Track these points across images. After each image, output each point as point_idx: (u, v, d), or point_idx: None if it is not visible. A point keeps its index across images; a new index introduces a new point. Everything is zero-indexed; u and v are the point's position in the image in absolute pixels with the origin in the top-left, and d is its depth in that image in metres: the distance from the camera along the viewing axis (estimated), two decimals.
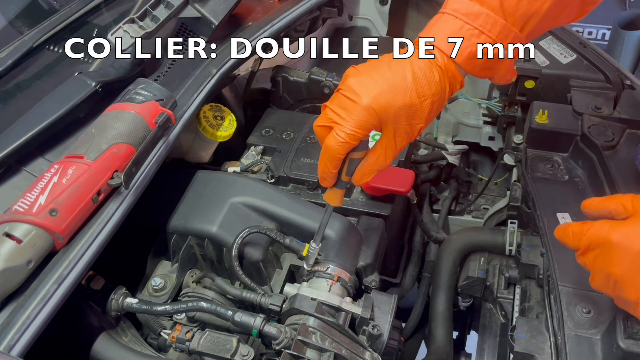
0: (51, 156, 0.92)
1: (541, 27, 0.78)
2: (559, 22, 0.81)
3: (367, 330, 0.89)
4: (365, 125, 0.74)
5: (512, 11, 0.74)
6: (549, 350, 0.90)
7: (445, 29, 0.76)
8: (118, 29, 1.01)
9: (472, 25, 0.74)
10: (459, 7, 0.76)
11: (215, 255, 1.01)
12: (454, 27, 0.75)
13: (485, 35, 0.74)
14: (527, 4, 0.74)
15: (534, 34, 0.79)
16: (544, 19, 0.75)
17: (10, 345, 0.69)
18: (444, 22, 0.77)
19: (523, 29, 0.75)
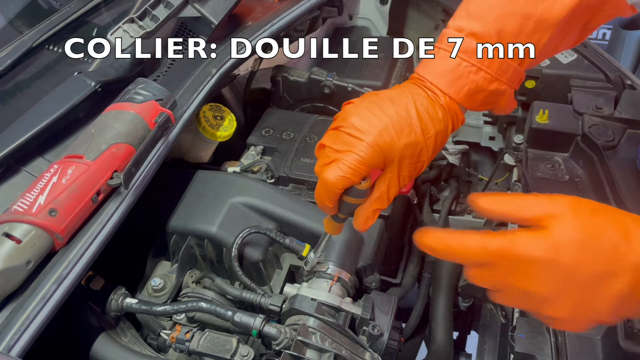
0: (51, 156, 0.92)
1: (539, 58, 0.77)
2: (557, 51, 0.80)
3: (367, 330, 0.89)
4: (370, 162, 0.69)
5: (509, 42, 0.73)
6: (550, 350, 0.90)
7: (443, 66, 0.74)
8: (118, 29, 1.01)
9: (470, 62, 0.73)
10: (462, 47, 0.74)
11: (215, 256, 1.01)
12: (452, 64, 0.73)
13: (483, 71, 0.73)
14: (525, 38, 0.73)
15: (533, 64, 0.77)
16: (542, 51, 0.75)
17: (10, 346, 0.69)
18: (441, 59, 0.74)
19: (522, 63, 0.74)
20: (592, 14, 0.76)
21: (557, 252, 0.56)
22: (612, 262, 0.56)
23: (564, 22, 0.73)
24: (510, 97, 0.77)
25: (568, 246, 0.56)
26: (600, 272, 0.56)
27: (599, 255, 0.56)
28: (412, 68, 1.65)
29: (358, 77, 1.44)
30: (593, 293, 0.57)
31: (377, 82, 1.43)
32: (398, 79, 1.49)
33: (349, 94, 1.36)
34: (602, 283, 0.56)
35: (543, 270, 0.57)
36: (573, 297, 0.57)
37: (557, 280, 0.57)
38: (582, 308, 0.58)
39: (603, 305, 0.57)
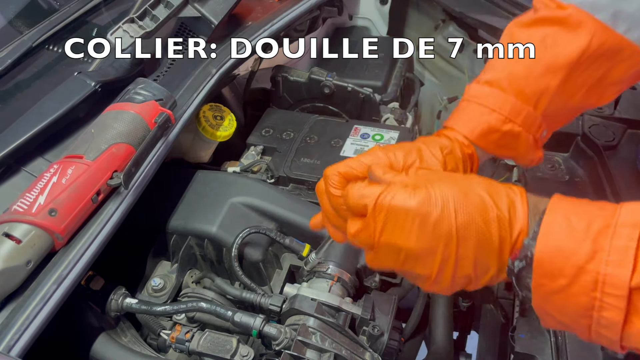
0: (50, 156, 0.92)
1: (560, 107, 0.79)
2: (583, 104, 0.81)
3: (367, 330, 0.89)
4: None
5: (520, 89, 0.77)
6: (550, 350, 0.90)
7: (466, 115, 0.80)
8: (118, 29, 1.01)
9: (483, 104, 0.77)
10: (474, 93, 0.80)
11: (215, 256, 1.01)
12: (467, 108, 0.79)
13: (496, 112, 0.77)
14: (535, 81, 0.76)
15: (556, 115, 0.80)
16: (557, 97, 0.77)
17: (10, 346, 0.69)
18: (463, 110, 0.80)
19: (537, 106, 0.77)
20: (607, 62, 0.77)
21: (430, 205, 0.58)
22: (479, 214, 0.58)
23: (574, 67, 0.75)
24: (529, 143, 0.79)
25: (440, 200, 0.58)
26: (466, 223, 0.58)
27: (467, 207, 0.58)
28: (412, 68, 1.65)
29: (358, 77, 1.44)
30: (459, 246, 0.58)
31: (377, 82, 1.43)
32: (398, 78, 1.49)
33: (349, 94, 1.36)
34: (468, 235, 0.58)
35: (416, 223, 0.59)
36: (440, 251, 0.59)
37: (427, 233, 0.58)
38: (448, 262, 0.59)
39: (467, 260, 0.59)
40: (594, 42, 0.74)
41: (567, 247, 0.54)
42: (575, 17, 0.75)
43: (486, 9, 1.44)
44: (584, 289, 0.52)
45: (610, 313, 0.52)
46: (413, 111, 1.47)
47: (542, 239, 0.55)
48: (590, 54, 0.75)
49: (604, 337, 0.54)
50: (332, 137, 1.23)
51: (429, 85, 1.75)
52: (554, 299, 0.55)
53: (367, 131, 1.24)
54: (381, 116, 1.35)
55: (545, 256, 0.55)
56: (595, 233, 0.53)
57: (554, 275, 0.54)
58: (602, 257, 0.52)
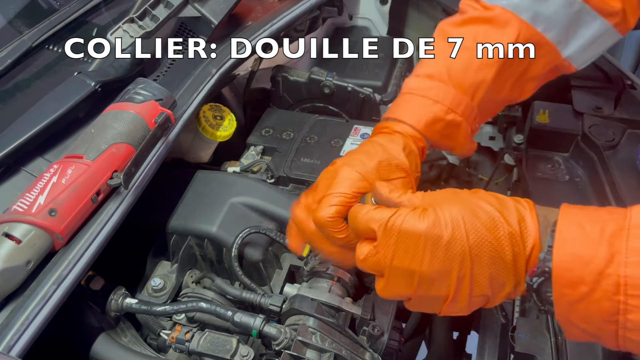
0: (50, 156, 0.92)
1: (491, 100, 0.85)
2: (508, 97, 0.87)
3: (367, 330, 0.89)
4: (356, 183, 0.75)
5: (460, 82, 0.82)
6: (550, 350, 0.90)
7: (411, 106, 0.83)
8: (118, 29, 1.01)
9: (427, 96, 0.82)
10: (415, 86, 0.84)
11: (215, 256, 1.01)
12: (411, 101, 0.83)
13: (440, 104, 0.81)
14: (472, 74, 0.82)
15: (487, 107, 0.85)
16: (490, 89, 0.83)
17: (10, 346, 0.69)
18: (407, 103, 0.84)
19: (473, 98, 0.82)
20: (528, 57, 0.84)
21: (440, 227, 0.59)
22: (490, 232, 0.58)
23: (505, 61, 0.82)
24: (467, 133, 0.85)
25: (450, 221, 0.59)
26: (478, 243, 0.58)
27: (477, 226, 0.59)
28: (412, 68, 1.65)
29: (358, 77, 1.44)
30: (473, 265, 0.59)
31: (377, 82, 1.43)
32: (398, 78, 1.49)
33: (349, 94, 1.36)
34: (482, 253, 0.58)
35: (428, 246, 0.59)
36: (455, 272, 0.59)
37: (440, 256, 0.59)
38: (464, 282, 0.59)
39: (482, 278, 0.59)
40: (521, 37, 0.82)
41: (585, 253, 0.54)
42: (502, 16, 0.83)
43: None
44: (607, 294, 0.53)
45: (635, 315, 0.52)
46: None
47: (558, 249, 0.55)
48: (516, 47, 0.82)
49: (632, 342, 0.54)
50: (332, 137, 1.23)
51: None
52: (577, 308, 0.55)
53: (367, 131, 1.24)
54: (381, 116, 1.35)
55: (563, 265, 0.55)
56: (610, 237, 0.53)
57: (575, 284, 0.54)
58: (620, 259, 0.52)
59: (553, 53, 0.85)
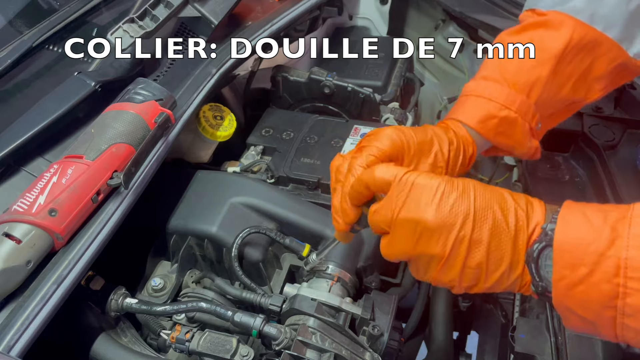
0: (50, 156, 0.92)
1: (551, 98, 0.85)
2: (572, 96, 0.86)
3: (367, 330, 0.89)
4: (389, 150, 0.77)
5: (514, 80, 0.83)
6: (550, 350, 0.90)
7: (465, 106, 0.86)
8: (118, 29, 1.01)
9: (481, 95, 0.84)
10: (471, 88, 0.87)
11: (215, 256, 1.01)
12: (466, 101, 0.86)
13: (493, 101, 0.83)
14: (526, 73, 0.83)
15: (548, 105, 0.85)
16: (548, 87, 0.83)
17: (10, 346, 0.69)
18: (462, 103, 0.86)
19: (529, 95, 0.83)
20: (589, 55, 0.83)
21: (452, 186, 0.62)
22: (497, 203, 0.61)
23: (561, 58, 0.82)
24: (525, 130, 0.85)
25: (462, 185, 0.62)
26: (484, 207, 0.61)
27: (486, 195, 0.62)
28: (412, 68, 1.65)
29: (358, 77, 1.44)
30: (475, 228, 0.60)
31: (377, 82, 1.42)
32: (398, 78, 1.48)
33: (349, 94, 1.36)
34: (485, 218, 0.60)
35: (437, 198, 0.61)
36: (456, 229, 0.60)
37: (445, 209, 0.61)
38: (462, 244, 0.60)
39: (481, 245, 0.60)
40: (576, 35, 0.82)
41: (586, 236, 0.55)
42: (557, 18, 0.84)
43: (486, 9, 1.44)
44: (606, 276, 0.53)
45: (634, 299, 0.52)
46: (413, 111, 1.47)
47: (561, 229, 0.56)
48: (573, 46, 0.82)
49: (630, 329, 0.54)
50: (332, 137, 1.23)
51: (429, 85, 1.75)
52: (575, 293, 0.55)
53: (367, 131, 1.24)
54: (381, 116, 1.35)
55: (564, 246, 0.55)
56: (613, 223, 0.54)
57: (575, 265, 0.55)
58: (621, 243, 0.53)
59: (616, 50, 0.84)
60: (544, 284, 0.58)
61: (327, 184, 1.12)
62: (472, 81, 0.88)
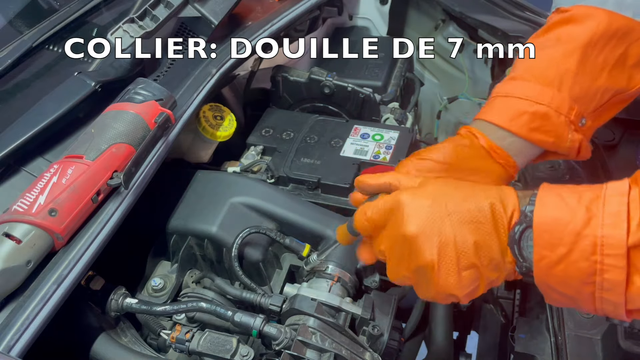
0: (50, 156, 0.92)
1: (587, 89, 0.82)
2: (611, 85, 0.83)
3: (367, 330, 0.89)
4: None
5: (542, 76, 0.81)
6: (550, 350, 0.90)
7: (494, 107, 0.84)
8: (118, 29, 1.01)
9: (509, 95, 0.82)
10: (499, 89, 0.85)
11: (215, 256, 1.01)
12: (494, 102, 0.84)
13: (522, 99, 0.81)
14: (555, 67, 0.81)
15: (587, 97, 0.82)
16: (580, 77, 0.80)
17: (10, 346, 0.69)
18: (490, 104, 0.85)
19: (560, 88, 0.81)
20: (622, 42, 0.81)
21: (423, 196, 0.65)
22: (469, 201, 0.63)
23: (589, 47, 0.80)
24: (561, 124, 0.81)
25: (432, 192, 0.65)
26: (457, 209, 0.63)
27: (457, 196, 0.64)
28: (412, 68, 1.65)
29: (358, 77, 1.44)
30: (455, 230, 0.62)
31: (377, 82, 1.42)
32: (398, 78, 1.49)
33: (349, 94, 1.36)
34: (462, 219, 0.62)
35: (413, 210, 0.64)
36: (437, 234, 0.63)
37: (422, 217, 0.63)
38: (448, 248, 0.62)
39: (467, 244, 0.62)
40: (602, 24, 0.80)
41: (563, 217, 0.57)
42: (581, 11, 0.82)
43: (486, 9, 1.44)
44: (584, 254, 0.55)
45: (612, 274, 0.54)
46: (413, 111, 1.47)
47: (539, 212, 0.58)
48: (601, 34, 0.80)
49: (609, 303, 0.56)
50: (332, 137, 1.23)
51: (429, 85, 1.75)
52: (555, 272, 0.57)
53: (367, 131, 1.24)
54: (381, 116, 1.35)
55: (543, 227, 0.58)
56: (587, 203, 0.56)
57: (554, 245, 0.57)
58: (597, 222, 0.55)
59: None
60: (527, 264, 0.60)
61: (327, 184, 1.12)
62: (500, 83, 0.87)
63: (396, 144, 1.19)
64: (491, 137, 0.81)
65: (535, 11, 1.38)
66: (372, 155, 1.17)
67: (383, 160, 1.16)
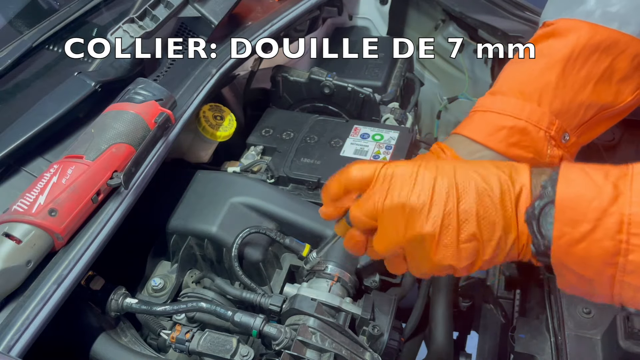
0: (50, 156, 0.92)
1: (570, 103, 0.80)
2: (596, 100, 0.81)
3: (367, 330, 0.89)
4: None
5: (521, 90, 0.80)
6: (550, 350, 0.90)
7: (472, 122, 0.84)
8: (118, 29, 1.01)
9: (488, 110, 0.81)
10: (479, 104, 0.84)
11: (215, 256, 1.01)
12: (479, 117, 0.83)
13: (500, 114, 0.80)
14: (534, 80, 0.80)
15: (570, 112, 0.80)
16: (561, 91, 0.79)
17: (10, 346, 0.69)
18: (469, 119, 0.84)
19: (540, 102, 0.79)
20: (606, 55, 0.79)
21: (430, 169, 0.62)
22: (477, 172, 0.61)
23: (569, 61, 0.79)
24: (541, 139, 0.79)
25: (439, 165, 0.63)
26: (464, 179, 0.60)
27: (465, 167, 0.62)
28: (412, 68, 1.65)
29: (358, 77, 1.44)
30: (460, 199, 0.60)
31: (377, 82, 1.43)
32: (398, 78, 1.49)
33: (349, 94, 1.36)
34: (468, 189, 0.60)
35: (418, 182, 0.62)
36: (442, 204, 0.60)
37: (428, 189, 0.61)
38: (451, 217, 0.60)
39: (470, 214, 0.59)
40: (583, 37, 0.79)
41: (588, 193, 0.54)
42: (564, 25, 0.81)
43: (486, 9, 1.44)
44: (609, 232, 0.52)
45: (637, 255, 0.51)
46: (413, 111, 1.47)
47: (562, 187, 0.55)
48: (582, 48, 0.79)
49: (629, 287, 0.53)
50: (332, 137, 1.23)
51: (429, 85, 1.75)
52: (576, 250, 0.54)
53: (367, 131, 1.24)
54: (381, 116, 1.35)
55: (566, 203, 0.54)
56: (615, 180, 0.53)
57: (577, 222, 0.54)
58: (624, 199, 0.52)
59: (636, 45, 0.80)
60: (546, 242, 0.57)
61: None
62: (481, 98, 0.86)
63: (396, 144, 1.19)
64: (463, 152, 0.80)
65: (535, 11, 1.38)
66: (372, 155, 1.17)
67: (383, 160, 1.16)
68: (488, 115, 0.81)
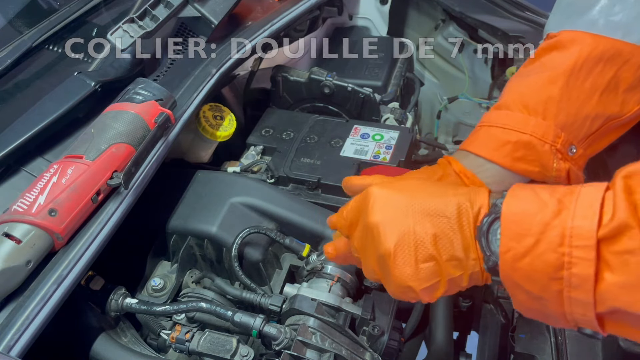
0: (50, 156, 0.92)
1: (576, 115, 0.79)
2: (602, 111, 0.80)
3: (367, 330, 0.89)
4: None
5: (525, 104, 0.80)
6: (550, 350, 0.90)
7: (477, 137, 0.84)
8: (118, 29, 1.01)
9: (493, 125, 0.81)
10: (484, 119, 0.84)
11: (215, 256, 1.01)
12: (484, 133, 0.83)
13: (504, 128, 0.80)
14: (537, 93, 0.79)
15: (576, 124, 0.80)
16: (566, 104, 0.78)
17: (10, 346, 0.69)
18: (474, 135, 0.84)
19: (545, 116, 0.79)
20: (611, 66, 0.78)
21: (391, 188, 0.66)
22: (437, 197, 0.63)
23: (573, 73, 0.78)
24: (546, 152, 0.79)
25: (402, 187, 0.67)
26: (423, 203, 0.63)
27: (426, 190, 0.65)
28: (412, 68, 1.65)
29: (358, 77, 1.44)
30: (416, 222, 0.62)
31: (377, 82, 1.43)
32: (398, 78, 1.49)
33: (349, 93, 1.36)
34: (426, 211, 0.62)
35: (380, 202, 0.66)
36: (399, 222, 0.63)
37: (386, 207, 0.65)
38: (407, 237, 0.62)
39: (426, 235, 0.61)
40: (586, 49, 0.78)
41: (533, 207, 0.55)
42: (567, 36, 0.80)
43: (486, 9, 1.44)
44: (551, 245, 0.52)
45: (580, 268, 0.51)
46: (413, 111, 1.47)
47: (509, 203, 0.57)
48: (585, 59, 0.78)
49: (578, 303, 0.52)
50: (332, 137, 1.23)
51: (429, 85, 1.75)
52: (521, 265, 0.55)
53: (367, 131, 1.24)
54: (381, 116, 1.35)
55: (511, 217, 0.56)
56: (560, 196, 0.54)
57: (521, 236, 0.54)
58: (568, 213, 0.52)
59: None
60: (494, 257, 0.57)
61: (327, 184, 1.12)
62: (486, 113, 0.86)
63: (396, 144, 1.19)
64: (469, 167, 0.81)
65: (535, 11, 1.38)
66: (372, 155, 1.17)
67: (383, 160, 1.16)
68: (493, 130, 0.81)
